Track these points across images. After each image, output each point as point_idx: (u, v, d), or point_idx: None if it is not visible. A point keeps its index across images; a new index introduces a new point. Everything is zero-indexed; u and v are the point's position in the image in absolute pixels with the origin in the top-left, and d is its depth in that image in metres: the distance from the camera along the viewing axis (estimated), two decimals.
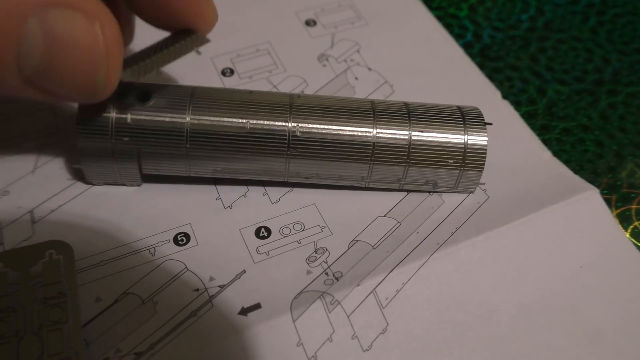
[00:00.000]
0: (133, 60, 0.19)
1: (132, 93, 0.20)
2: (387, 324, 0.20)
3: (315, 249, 0.21)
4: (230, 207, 0.22)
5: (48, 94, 0.17)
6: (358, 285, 0.20)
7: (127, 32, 0.23)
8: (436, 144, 0.21)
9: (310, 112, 0.21)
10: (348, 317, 0.20)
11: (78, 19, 0.16)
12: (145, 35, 0.22)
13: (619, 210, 0.24)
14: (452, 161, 0.22)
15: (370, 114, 0.21)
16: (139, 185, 0.22)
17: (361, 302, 0.20)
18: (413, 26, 0.30)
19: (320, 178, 0.22)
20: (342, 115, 0.21)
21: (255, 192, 0.23)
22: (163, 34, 0.21)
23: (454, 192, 0.23)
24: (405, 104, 0.22)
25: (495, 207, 0.23)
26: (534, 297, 0.21)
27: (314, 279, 0.20)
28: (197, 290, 0.20)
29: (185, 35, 0.20)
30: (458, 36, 0.31)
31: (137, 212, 0.22)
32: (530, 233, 0.22)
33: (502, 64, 0.30)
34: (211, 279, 0.20)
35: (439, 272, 0.21)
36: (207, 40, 0.20)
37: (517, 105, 0.28)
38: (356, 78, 0.27)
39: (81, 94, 0.18)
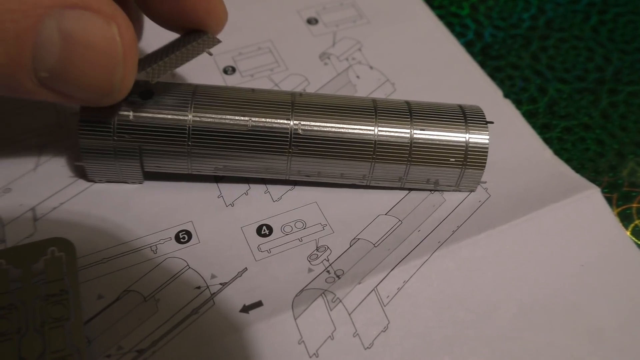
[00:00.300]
0: (146, 62, 0.19)
1: (134, 90, 0.20)
2: (389, 322, 0.20)
3: (317, 247, 0.21)
4: (232, 205, 0.22)
5: (63, 96, 0.17)
6: (359, 283, 0.20)
7: (137, 31, 0.23)
8: (437, 142, 0.21)
9: (312, 110, 0.21)
10: (349, 315, 0.20)
11: (95, 21, 0.16)
12: (153, 35, 0.22)
13: (619, 209, 0.24)
14: (453, 160, 0.22)
15: (372, 112, 0.21)
16: (140, 182, 0.22)
17: (362, 300, 0.20)
18: (414, 25, 0.30)
19: (322, 176, 0.22)
20: (343, 113, 0.21)
21: (257, 190, 0.23)
22: (171, 35, 0.21)
23: (455, 190, 0.23)
24: (407, 102, 0.22)
25: (497, 205, 0.23)
26: (535, 296, 0.21)
27: (316, 277, 0.20)
28: (198, 288, 0.20)
29: (196, 36, 0.20)
30: (459, 35, 0.31)
31: (139, 209, 0.22)
32: (531, 231, 0.22)
33: (504, 62, 0.30)
34: (213, 276, 0.20)
35: (440, 270, 0.21)
36: (219, 41, 0.20)
37: (518, 104, 0.28)
38: (358, 76, 0.27)
39: (96, 96, 0.18)
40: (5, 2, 0.15)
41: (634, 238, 0.23)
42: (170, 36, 0.21)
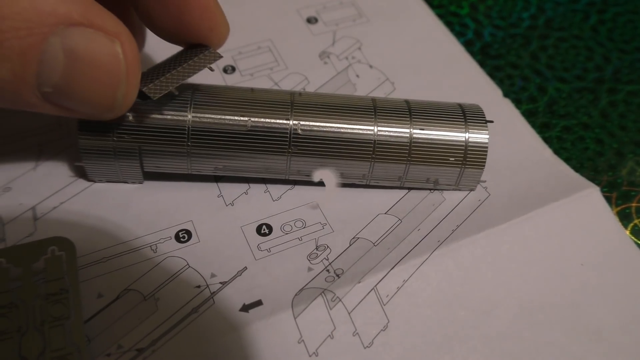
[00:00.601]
0: (148, 77, 0.19)
1: None
2: (388, 321, 0.20)
3: (317, 246, 0.21)
4: (232, 204, 0.22)
5: (65, 111, 0.18)
6: (359, 282, 0.20)
7: (139, 42, 0.23)
8: (437, 141, 0.21)
9: (312, 109, 0.21)
10: (349, 314, 0.20)
11: (99, 38, 0.16)
12: (155, 45, 0.22)
13: (619, 208, 0.25)
14: (453, 159, 0.22)
15: (372, 111, 0.21)
16: (140, 182, 0.22)
17: (362, 299, 0.20)
18: (414, 24, 0.30)
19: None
20: (343, 112, 0.21)
21: (257, 189, 0.23)
22: (173, 46, 0.21)
23: (455, 189, 0.23)
24: (407, 101, 0.22)
25: (496, 204, 0.23)
26: (534, 295, 0.21)
27: (315, 276, 0.20)
28: (198, 287, 0.20)
29: (197, 51, 0.20)
30: (459, 34, 0.31)
31: (139, 209, 0.22)
32: (530, 231, 0.22)
33: (503, 62, 0.30)
34: (212, 275, 0.20)
35: (440, 269, 0.21)
36: (220, 57, 0.21)
37: (517, 103, 0.28)
38: (357, 75, 0.27)
39: (99, 111, 0.18)
40: (10, 20, 0.15)
41: (633, 237, 0.23)
42: (172, 47, 0.21)
